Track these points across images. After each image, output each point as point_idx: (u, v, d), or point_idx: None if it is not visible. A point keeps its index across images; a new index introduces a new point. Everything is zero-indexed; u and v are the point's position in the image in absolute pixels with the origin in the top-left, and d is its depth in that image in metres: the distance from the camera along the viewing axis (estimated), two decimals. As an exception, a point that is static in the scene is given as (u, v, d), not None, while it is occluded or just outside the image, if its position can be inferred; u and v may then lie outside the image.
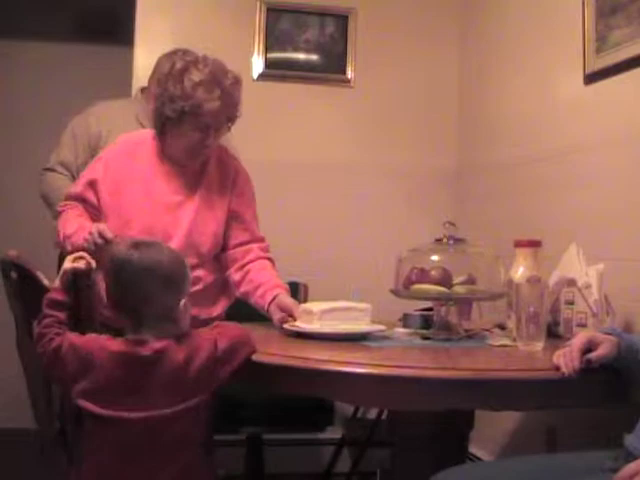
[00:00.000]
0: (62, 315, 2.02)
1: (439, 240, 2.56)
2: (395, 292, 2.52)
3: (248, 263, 2.72)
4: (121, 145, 2.74)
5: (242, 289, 2.70)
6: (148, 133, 2.73)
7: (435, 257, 2.53)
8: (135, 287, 1.96)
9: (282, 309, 2.55)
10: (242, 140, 3.93)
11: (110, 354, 1.93)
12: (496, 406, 2.10)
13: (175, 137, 2.60)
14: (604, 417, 2.44)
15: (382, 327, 2.47)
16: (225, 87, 2.58)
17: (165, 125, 2.59)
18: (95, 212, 2.65)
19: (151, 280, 1.97)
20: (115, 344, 1.95)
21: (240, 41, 4.06)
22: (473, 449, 3.58)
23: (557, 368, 1.90)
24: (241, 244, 2.74)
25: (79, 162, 3.27)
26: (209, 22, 4.04)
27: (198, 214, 2.64)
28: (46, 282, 2.10)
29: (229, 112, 2.61)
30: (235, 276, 2.69)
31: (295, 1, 4.13)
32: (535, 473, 1.82)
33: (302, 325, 2.41)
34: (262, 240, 2.81)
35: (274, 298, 2.59)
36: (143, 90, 3.46)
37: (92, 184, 2.65)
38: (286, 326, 2.45)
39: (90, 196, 2.65)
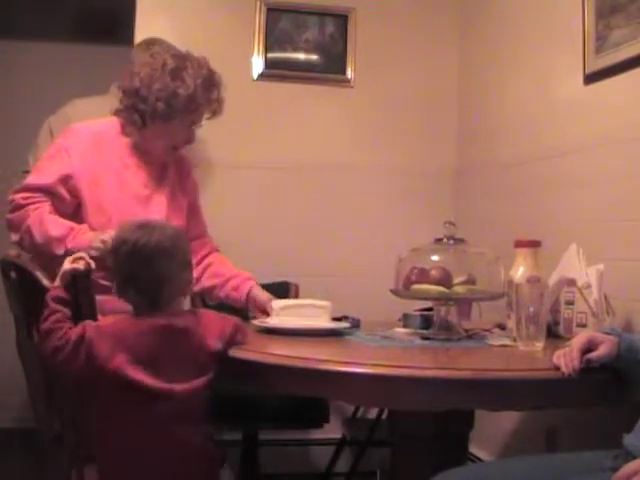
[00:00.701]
0: (68, 312, 2.01)
1: (439, 240, 2.56)
2: (395, 292, 2.52)
3: (206, 256, 2.78)
4: (87, 135, 2.65)
5: (206, 284, 2.73)
6: (109, 123, 2.69)
7: (435, 257, 2.53)
8: (152, 269, 2.02)
9: (258, 305, 2.66)
10: (241, 140, 3.96)
11: (141, 328, 1.99)
12: (496, 406, 2.11)
13: (159, 132, 2.60)
14: (604, 417, 2.44)
15: (347, 325, 2.56)
16: (218, 87, 2.63)
17: (152, 120, 2.58)
18: (62, 208, 2.56)
19: (168, 261, 2.04)
20: (143, 321, 2.01)
21: (240, 41, 4.06)
22: (473, 449, 3.58)
23: (557, 368, 1.90)
24: (197, 237, 2.79)
25: None
26: (209, 22, 4.04)
27: (169, 208, 2.68)
28: (46, 282, 2.10)
29: (220, 112, 2.66)
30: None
31: (295, 1, 4.13)
32: (535, 473, 1.82)
33: (267, 320, 2.53)
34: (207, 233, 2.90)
35: (250, 290, 2.70)
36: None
37: (66, 179, 2.55)
38: (254, 322, 2.52)
39: (62, 191, 2.55)
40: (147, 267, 2.02)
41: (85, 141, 2.63)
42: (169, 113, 2.54)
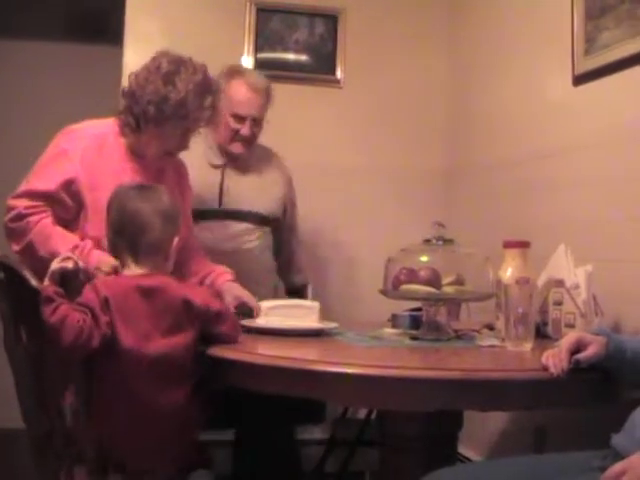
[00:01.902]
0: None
1: (428, 241, 2.56)
2: (384, 292, 2.52)
3: (189, 259, 2.79)
4: (89, 140, 2.61)
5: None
6: (109, 125, 2.66)
7: (424, 257, 2.53)
8: (136, 217, 2.17)
9: (235, 296, 2.67)
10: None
11: (124, 288, 2.10)
12: (485, 406, 2.11)
13: (154, 136, 2.58)
14: (592, 417, 2.45)
15: (335, 325, 2.57)
16: (213, 93, 2.59)
17: (145, 123, 2.56)
18: (64, 213, 2.54)
19: (151, 212, 2.18)
20: (126, 278, 2.15)
21: (230, 41, 4.05)
22: (462, 449, 3.58)
23: (546, 368, 1.91)
24: (193, 250, 2.83)
25: None
26: (199, 22, 4.04)
27: None
28: (34, 283, 2.09)
29: (213, 119, 2.63)
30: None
31: (285, 2, 4.13)
32: (524, 473, 1.82)
33: (255, 321, 2.53)
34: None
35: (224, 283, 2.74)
36: None
37: (68, 184, 2.52)
38: (243, 322, 2.50)
39: (64, 197, 2.53)
40: (131, 215, 2.18)
41: (85, 143, 2.59)
42: (160, 117, 2.52)
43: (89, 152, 2.58)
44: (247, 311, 2.62)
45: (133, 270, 2.17)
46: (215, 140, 3.20)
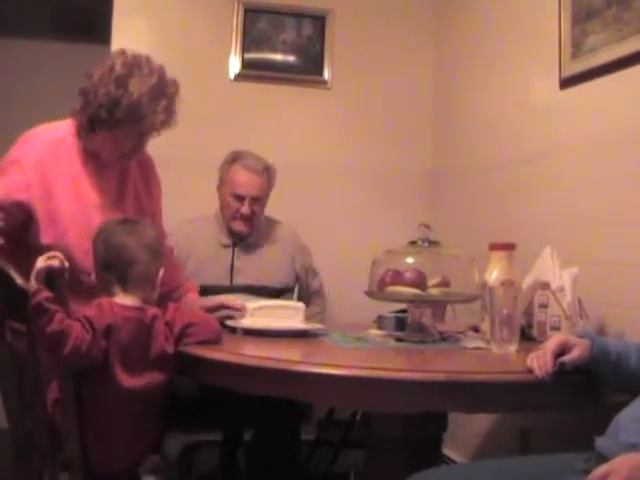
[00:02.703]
0: (64, 310, 2.05)
1: (414, 242, 2.56)
2: (369, 294, 2.52)
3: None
4: (43, 146, 2.54)
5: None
6: (65, 128, 2.59)
7: (410, 259, 2.53)
8: (122, 251, 2.21)
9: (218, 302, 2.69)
10: (218, 140, 3.95)
11: (124, 318, 2.14)
12: (470, 408, 2.11)
13: (108, 139, 2.51)
14: (576, 419, 2.46)
15: (320, 326, 2.60)
16: (169, 96, 2.51)
17: (99, 126, 2.48)
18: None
19: (136, 245, 2.22)
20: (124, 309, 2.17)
21: (217, 41, 4.05)
22: (446, 451, 3.59)
23: (531, 371, 1.91)
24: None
25: None
26: (186, 22, 4.03)
27: (135, 215, 2.63)
28: (20, 282, 2.08)
29: (169, 122, 2.56)
30: None
31: (272, 2, 4.13)
32: (508, 475, 1.83)
33: (241, 321, 2.53)
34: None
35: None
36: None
37: (18, 193, 2.45)
38: (229, 323, 2.52)
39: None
40: (119, 250, 2.22)
41: (39, 150, 2.52)
42: (112, 121, 2.44)
43: (43, 158, 2.50)
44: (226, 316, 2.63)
45: (123, 299, 2.19)
46: (224, 220, 3.39)
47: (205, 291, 3.00)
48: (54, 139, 2.57)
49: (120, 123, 2.45)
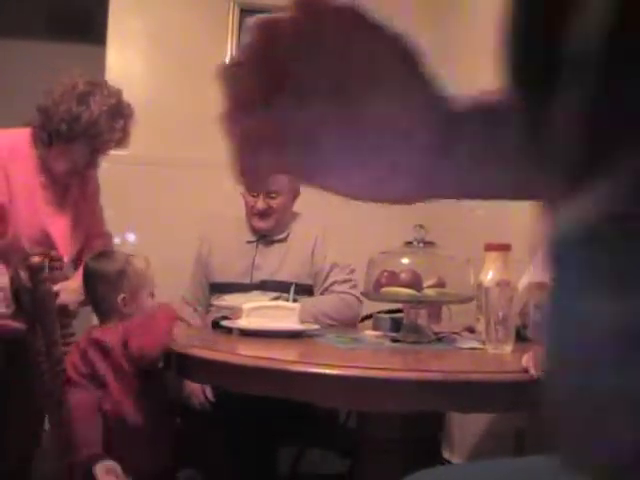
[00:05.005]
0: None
1: (409, 243, 2.56)
2: (365, 295, 2.52)
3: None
4: (3, 149, 2.68)
5: None
6: (24, 135, 2.71)
7: (405, 260, 2.53)
8: (91, 290, 2.40)
9: None
10: (213, 141, 3.94)
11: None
12: (466, 408, 2.11)
13: (62, 153, 2.61)
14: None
15: (316, 326, 2.59)
16: (126, 117, 2.63)
17: (56, 139, 2.59)
18: None
19: (99, 284, 2.36)
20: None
21: (213, 42, 4.05)
22: (442, 452, 3.59)
23: (526, 370, 1.91)
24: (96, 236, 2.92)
25: None
26: (182, 22, 4.03)
27: (71, 231, 2.73)
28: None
29: (124, 142, 2.66)
30: None
31: (268, 3, 4.11)
32: (504, 475, 1.82)
33: (237, 321, 2.53)
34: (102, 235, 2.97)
35: None
36: None
37: None
38: (224, 323, 2.53)
39: None
40: (89, 289, 2.41)
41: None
42: (70, 135, 2.54)
43: (3, 159, 2.63)
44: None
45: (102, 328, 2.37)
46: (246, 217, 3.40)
47: (223, 289, 3.07)
48: (11, 145, 2.70)
49: (77, 137, 2.54)
